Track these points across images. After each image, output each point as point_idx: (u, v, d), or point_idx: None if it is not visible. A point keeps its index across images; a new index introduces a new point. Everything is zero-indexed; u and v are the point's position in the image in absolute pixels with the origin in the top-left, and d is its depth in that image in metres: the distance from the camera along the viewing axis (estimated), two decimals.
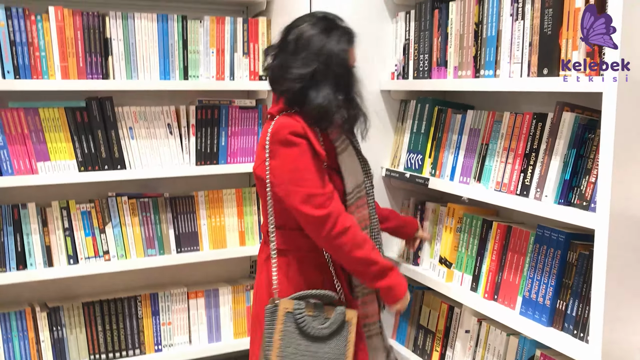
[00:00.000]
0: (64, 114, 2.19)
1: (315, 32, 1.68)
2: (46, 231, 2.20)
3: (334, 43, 1.68)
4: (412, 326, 2.23)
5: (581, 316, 1.56)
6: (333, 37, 1.69)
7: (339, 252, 1.68)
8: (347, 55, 1.72)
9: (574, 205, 1.59)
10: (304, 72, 1.66)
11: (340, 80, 1.69)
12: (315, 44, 1.67)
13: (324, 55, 1.66)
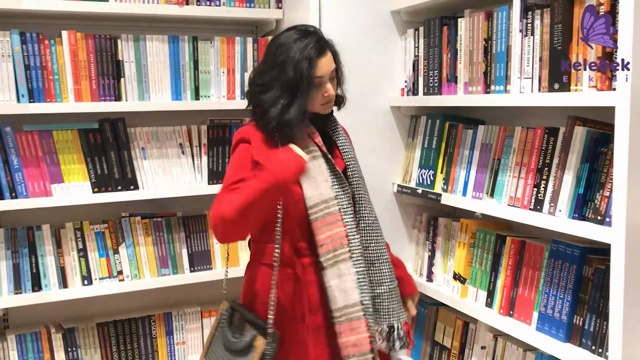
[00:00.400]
0: (77, 136, 2.21)
1: (286, 40, 1.67)
2: (60, 252, 2.21)
3: (297, 50, 1.64)
4: (426, 342, 2.22)
5: (599, 331, 1.55)
6: (299, 44, 1.65)
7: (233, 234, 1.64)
8: (310, 64, 1.64)
9: (589, 219, 1.58)
10: (261, 82, 1.69)
11: (291, 87, 1.64)
12: (280, 52, 1.66)
13: (284, 61, 1.65)
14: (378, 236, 1.79)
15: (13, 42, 2.06)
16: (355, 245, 1.70)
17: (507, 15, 1.80)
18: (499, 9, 1.82)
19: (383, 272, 1.77)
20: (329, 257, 1.68)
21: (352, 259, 1.68)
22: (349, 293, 1.67)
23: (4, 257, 2.12)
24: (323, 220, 1.69)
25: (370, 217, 1.79)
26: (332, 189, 1.70)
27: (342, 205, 1.71)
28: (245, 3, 2.36)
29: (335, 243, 1.68)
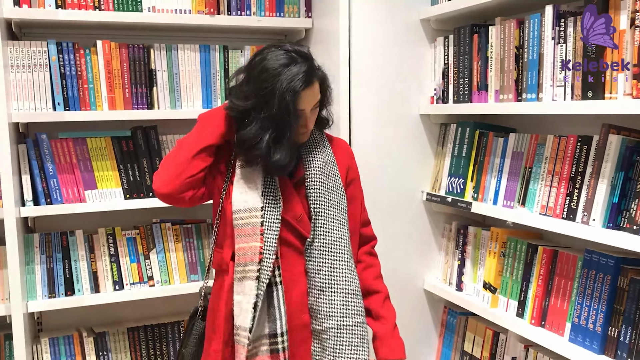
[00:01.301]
0: (110, 144, 2.25)
1: (272, 64, 1.52)
2: (93, 257, 2.25)
3: (284, 81, 1.50)
4: (455, 352, 2.20)
5: (635, 343, 1.52)
6: (287, 74, 1.51)
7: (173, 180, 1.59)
8: (294, 98, 1.51)
9: (624, 229, 1.55)
10: (241, 104, 1.54)
11: (274, 121, 1.51)
12: (265, 77, 1.51)
13: (269, 91, 1.50)
14: (335, 261, 1.57)
15: (50, 51, 2.11)
16: (267, 266, 1.53)
17: (539, 23, 1.78)
18: (531, 17, 1.81)
19: (333, 303, 1.55)
20: (239, 270, 1.56)
21: (258, 280, 1.52)
22: (243, 315, 1.54)
23: (38, 262, 2.17)
24: (241, 229, 1.56)
25: (329, 237, 1.58)
26: (260, 198, 1.56)
27: (267, 219, 1.55)
28: (275, 12, 2.38)
29: (246, 257, 1.55)
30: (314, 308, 1.57)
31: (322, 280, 1.57)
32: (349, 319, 1.56)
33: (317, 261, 1.58)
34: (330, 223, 1.59)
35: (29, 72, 2.09)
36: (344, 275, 1.57)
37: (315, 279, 1.57)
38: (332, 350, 1.55)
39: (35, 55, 2.10)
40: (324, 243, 1.58)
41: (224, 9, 2.31)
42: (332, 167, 1.65)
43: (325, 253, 1.58)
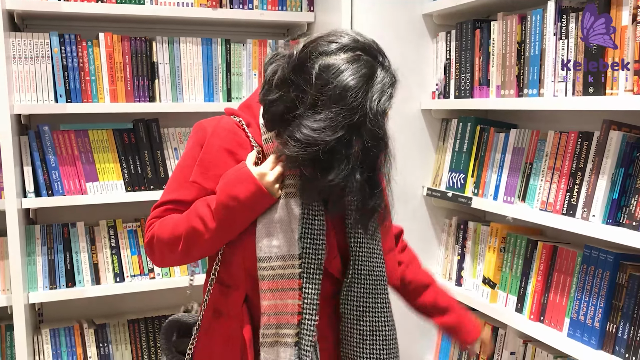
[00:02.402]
0: (112, 136, 2.26)
1: (351, 78, 1.15)
2: (94, 249, 2.26)
3: (375, 100, 1.17)
4: (455, 347, 2.21)
5: (633, 339, 1.53)
6: (375, 89, 1.18)
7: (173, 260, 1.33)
8: (385, 118, 1.20)
9: (623, 225, 1.56)
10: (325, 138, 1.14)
11: (367, 155, 1.18)
12: (348, 100, 1.14)
13: (358, 116, 1.15)
14: (377, 304, 1.34)
15: (52, 43, 2.12)
16: (310, 329, 1.26)
17: (541, 19, 1.78)
18: (533, 12, 1.81)
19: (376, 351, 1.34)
20: (268, 334, 1.27)
21: (298, 347, 1.25)
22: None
23: (39, 253, 2.18)
24: (272, 282, 1.26)
25: (370, 278, 1.33)
26: (297, 244, 1.25)
27: (307, 269, 1.26)
28: (278, 6, 2.38)
29: (279, 318, 1.26)
30: (350, 357, 1.34)
31: (364, 328, 1.33)
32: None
33: (355, 307, 1.32)
34: (371, 261, 1.33)
35: (31, 64, 2.10)
36: (386, 320, 1.35)
37: (354, 327, 1.33)
38: None
39: (38, 47, 2.10)
40: (365, 285, 1.32)
41: (226, 2, 2.31)
42: None
43: (366, 297, 1.32)
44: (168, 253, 1.30)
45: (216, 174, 1.29)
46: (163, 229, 1.29)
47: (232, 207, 1.24)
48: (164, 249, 1.30)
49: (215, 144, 1.31)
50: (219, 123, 1.33)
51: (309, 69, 1.17)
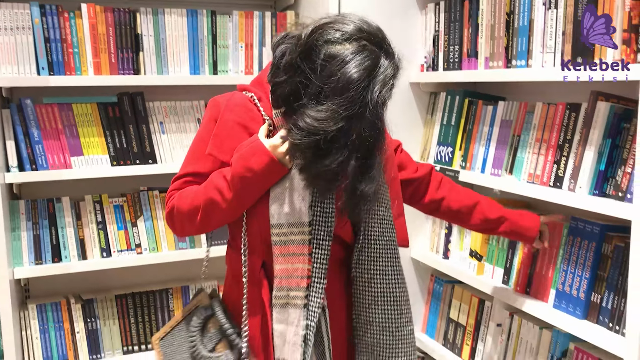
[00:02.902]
0: (96, 109, 2.22)
1: (355, 71, 1.20)
2: (80, 225, 2.24)
3: (376, 92, 1.22)
4: (442, 320, 2.22)
5: (617, 309, 1.54)
6: (377, 80, 1.23)
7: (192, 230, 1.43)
8: (384, 109, 1.27)
9: (609, 196, 1.56)
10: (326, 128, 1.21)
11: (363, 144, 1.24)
12: (351, 93, 1.20)
13: (359, 107, 1.21)
14: (387, 268, 1.41)
15: (33, 14, 2.07)
16: (318, 292, 1.34)
17: None
18: None
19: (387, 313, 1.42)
20: (280, 295, 1.36)
21: (306, 309, 1.33)
22: (290, 348, 1.35)
23: (24, 228, 2.16)
24: (284, 247, 1.35)
25: (380, 242, 1.41)
26: (308, 211, 1.33)
27: (316, 236, 1.33)
28: None
29: (290, 281, 1.35)
30: (362, 320, 1.42)
31: (375, 291, 1.40)
32: (404, 328, 1.43)
33: (366, 270, 1.40)
34: (380, 226, 1.41)
35: (11, 35, 2.05)
36: (397, 282, 1.42)
37: (365, 289, 1.41)
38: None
39: (18, 17, 2.06)
40: (375, 249, 1.40)
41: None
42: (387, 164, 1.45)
43: (376, 260, 1.40)
44: (188, 223, 1.39)
45: (230, 147, 1.37)
46: (182, 200, 1.38)
47: (248, 178, 1.32)
48: (184, 220, 1.40)
49: (229, 118, 1.39)
50: (232, 98, 1.42)
51: (314, 56, 1.23)
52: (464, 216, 1.64)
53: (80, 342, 2.26)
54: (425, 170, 1.65)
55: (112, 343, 2.31)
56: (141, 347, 2.34)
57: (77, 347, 2.26)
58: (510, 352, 1.88)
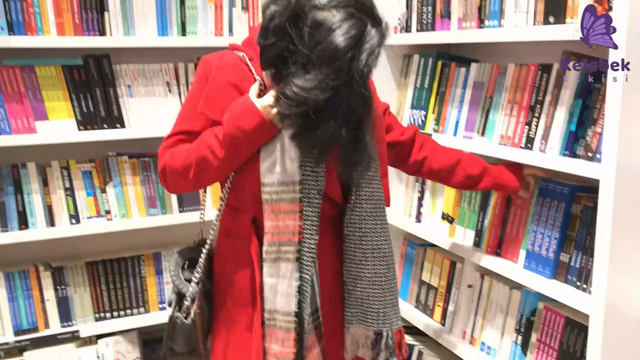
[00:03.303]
0: (60, 72, 2.16)
1: (341, 40, 1.21)
2: (47, 191, 2.19)
3: (362, 61, 1.24)
4: (414, 282, 2.24)
5: (584, 268, 1.56)
6: (363, 49, 1.24)
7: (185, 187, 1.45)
8: (370, 75, 1.31)
9: (579, 156, 1.56)
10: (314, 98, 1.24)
11: (353, 114, 1.29)
12: (337, 62, 1.22)
13: (346, 77, 1.23)
14: (377, 226, 1.47)
15: None
16: (310, 247, 1.39)
17: None
18: None
19: (377, 268, 1.47)
20: (271, 250, 1.40)
21: (298, 262, 1.38)
22: (283, 298, 1.40)
23: None
24: (275, 205, 1.38)
25: (371, 202, 1.45)
26: (298, 171, 1.36)
27: (307, 194, 1.37)
28: None
29: (281, 237, 1.39)
30: (353, 275, 1.47)
31: (365, 248, 1.46)
32: (391, 282, 1.50)
33: (358, 228, 1.45)
34: (371, 186, 1.46)
35: None
36: (385, 240, 1.49)
37: (357, 247, 1.46)
38: (376, 314, 1.47)
39: None
40: (366, 208, 1.45)
41: None
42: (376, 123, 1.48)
43: (367, 219, 1.45)
44: (180, 180, 1.43)
45: (222, 106, 1.38)
46: (174, 158, 1.42)
47: (239, 138, 1.34)
48: (176, 177, 1.43)
49: (220, 77, 1.41)
50: (223, 57, 1.44)
51: (302, 22, 1.25)
52: (446, 174, 1.69)
53: (50, 310, 2.23)
54: (411, 133, 1.70)
55: (84, 310, 2.29)
56: (113, 314, 2.32)
57: (47, 315, 2.23)
58: (481, 312, 1.90)
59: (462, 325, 1.98)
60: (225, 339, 1.52)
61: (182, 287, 1.51)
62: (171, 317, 1.51)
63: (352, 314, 1.49)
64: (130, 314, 2.35)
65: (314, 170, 1.37)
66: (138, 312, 2.36)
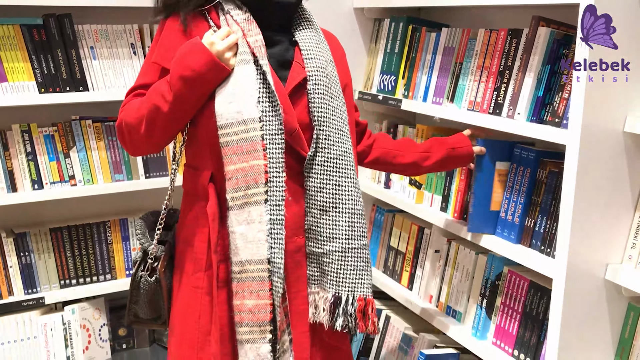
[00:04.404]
0: (19, 32, 2.07)
1: None
2: (7, 155, 2.12)
3: None
4: (382, 248, 2.25)
5: (549, 232, 1.58)
6: None
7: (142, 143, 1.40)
8: None
9: (546, 122, 1.57)
10: None
11: None
12: None
13: None
14: (340, 178, 1.39)
15: None
16: (278, 186, 1.32)
17: None
18: None
19: (338, 224, 1.38)
20: (237, 196, 1.32)
21: (267, 204, 1.31)
22: (254, 245, 1.31)
23: None
24: (236, 147, 1.31)
25: (333, 151, 1.38)
26: (256, 107, 1.31)
27: (268, 131, 1.31)
28: None
29: (247, 179, 1.31)
30: (313, 229, 1.39)
31: (325, 199, 1.37)
32: (355, 241, 1.39)
33: (319, 178, 1.37)
34: (335, 135, 1.38)
35: None
36: (349, 193, 1.39)
37: (316, 197, 1.38)
38: (335, 274, 1.38)
39: None
40: (327, 158, 1.37)
41: None
42: (332, 68, 1.43)
43: (328, 169, 1.37)
44: (136, 135, 1.37)
45: (174, 54, 1.33)
46: (128, 112, 1.37)
47: (187, 77, 1.29)
48: (132, 132, 1.37)
49: (173, 26, 1.39)
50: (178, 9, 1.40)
51: None
52: (398, 152, 1.64)
53: (14, 277, 2.19)
54: (364, 122, 1.66)
55: (49, 277, 2.25)
56: (79, 280, 2.29)
57: (10, 282, 2.18)
58: (447, 277, 1.93)
59: (428, 289, 2.00)
60: (185, 304, 1.44)
61: (147, 245, 1.46)
62: (134, 276, 1.46)
63: (311, 273, 1.42)
64: (97, 281, 2.32)
65: (272, 105, 1.32)
66: (105, 279, 2.33)
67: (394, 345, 2.11)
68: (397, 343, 2.09)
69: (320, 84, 1.38)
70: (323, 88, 1.38)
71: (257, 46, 1.34)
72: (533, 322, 1.62)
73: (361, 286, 1.41)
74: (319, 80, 1.38)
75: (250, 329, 1.33)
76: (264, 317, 1.32)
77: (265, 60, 1.34)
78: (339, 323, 1.38)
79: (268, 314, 1.32)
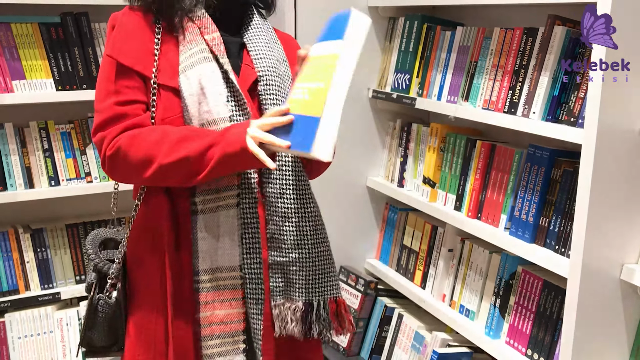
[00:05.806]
0: (37, 30, 2.10)
1: None
2: (25, 152, 2.15)
3: None
4: (395, 246, 2.25)
5: (563, 232, 1.57)
6: None
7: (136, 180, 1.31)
8: None
9: (562, 121, 1.56)
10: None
11: None
12: None
13: None
14: (299, 183, 1.33)
15: None
16: (249, 187, 1.26)
17: None
18: None
19: (302, 230, 1.32)
20: (208, 199, 1.25)
21: (239, 207, 1.26)
22: (226, 252, 1.25)
23: None
24: None
25: (291, 157, 1.32)
26: (226, 106, 1.24)
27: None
28: None
29: (218, 183, 1.25)
30: (275, 238, 1.31)
31: (286, 206, 1.31)
32: (321, 245, 1.34)
33: (278, 185, 1.30)
34: None
35: None
36: (310, 197, 1.34)
37: (276, 204, 1.30)
38: (304, 282, 1.32)
39: None
40: (285, 162, 1.31)
41: None
42: (285, 68, 1.37)
43: (287, 175, 1.31)
44: (133, 171, 1.25)
45: (131, 47, 1.28)
46: (137, 143, 1.22)
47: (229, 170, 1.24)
48: (130, 165, 1.24)
49: (127, 20, 1.31)
50: (131, 6, 1.34)
51: None
52: None
53: (30, 272, 2.22)
54: None
55: (65, 273, 2.28)
56: None
57: (27, 277, 2.21)
58: (461, 276, 1.93)
59: (441, 288, 2.00)
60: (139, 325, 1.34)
61: (102, 265, 1.34)
62: (91, 300, 1.33)
63: (275, 285, 1.32)
64: None
65: (239, 103, 1.25)
66: None
67: (407, 344, 2.11)
68: (409, 342, 2.09)
69: (272, 84, 1.31)
70: (275, 88, 1.31)
71: (215, 44, 1.26)
72: (547, 321, 1.62)
73: (330, 288, 1.36)
74: (270, 80, 1.31)
75: (221, 341, 1.27)
76: (237, 326, 1.26)
77: (226, 58, 1.26)
78: (314, 330, 1.33)
79: (241, 324, 1.27)
